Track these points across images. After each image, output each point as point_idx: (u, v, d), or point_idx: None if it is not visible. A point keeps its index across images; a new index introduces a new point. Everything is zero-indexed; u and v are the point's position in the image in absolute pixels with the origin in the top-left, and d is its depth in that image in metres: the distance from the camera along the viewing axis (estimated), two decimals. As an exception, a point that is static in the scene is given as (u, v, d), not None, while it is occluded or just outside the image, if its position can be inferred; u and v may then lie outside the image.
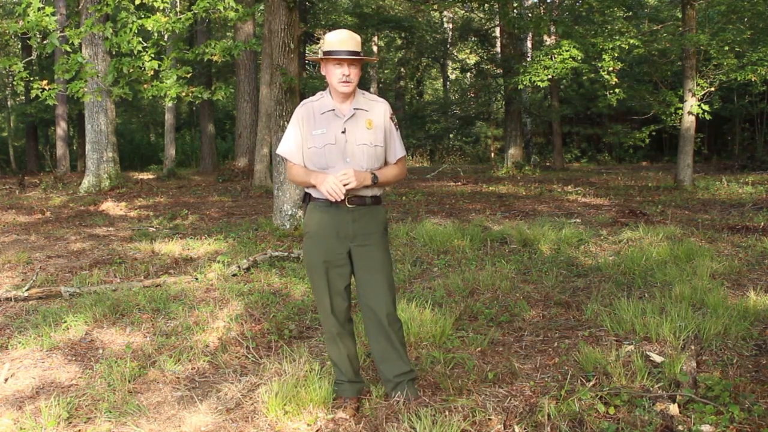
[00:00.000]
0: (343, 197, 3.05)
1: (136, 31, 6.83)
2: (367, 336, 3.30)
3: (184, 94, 6.95)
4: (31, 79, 6.78)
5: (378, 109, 3.21)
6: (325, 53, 3.12)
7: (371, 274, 3.17)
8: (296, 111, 3.25)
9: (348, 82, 3.10)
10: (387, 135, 3.21)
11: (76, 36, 6.80)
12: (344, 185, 3.03)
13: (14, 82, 6.79)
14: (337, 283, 3.19)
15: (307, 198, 3.26)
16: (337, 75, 3.10)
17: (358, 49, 3.13)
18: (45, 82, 6.95)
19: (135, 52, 6.88)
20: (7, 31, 6.87)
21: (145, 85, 7.14)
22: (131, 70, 6.93)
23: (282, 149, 3.24)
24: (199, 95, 7.24)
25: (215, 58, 7.39)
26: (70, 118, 23.34)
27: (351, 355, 3.31)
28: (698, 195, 11.86)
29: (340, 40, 3.11)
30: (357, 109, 3.17)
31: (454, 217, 9.43)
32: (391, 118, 3.24)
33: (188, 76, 7.22)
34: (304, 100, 3.27)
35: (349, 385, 3.33)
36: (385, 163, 3.25)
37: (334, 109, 3.17)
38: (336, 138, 3.13)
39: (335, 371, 3.37)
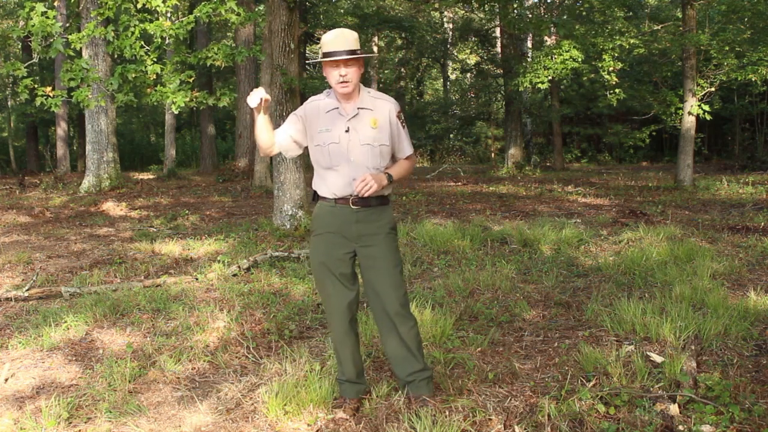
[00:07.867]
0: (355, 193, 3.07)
1: (138, 35, 6.81)
2: (380, 336, 3.29)
3: (188, 100, 6.90)
4: (36, 86, 6.75)
5: (383, 108, 3.14)
6: (323, 54, 3.06)
7: (377, 274, 3.14)
8: (302, 106, 3.21)
9: (345, 82, 3.04)
10: (394, 134, 3.15)
11: (78, 41, 6.78)
12: (364, 192, 3.02)
13: (18, 89, 6.71)
14: (342, 283, 3.17)
15: (315, 196, 3.24)
16: (334, 76, 3.03)
17: (354, 47, 3.04)
18: (49, 88, 6.93)
19: (138, 56, 6.84)
20: (10, 35, 6.86)
21: (149, 90, 7.11)
22: (135, 76, 6.90)
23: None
24: (204, 101, 7.17)
25: (218, 63, 7.34)
26: (71, 119, 23.35)
27: (354, 356, 3.28)
28: (698, 195, 11.85)
29: (334, 40, 3.03)
30: (361, 108, 3.11)
31: (455, 217, 9.42)
32: (397, 116, 3.16)
33: (191, 80, 7.17)
34: (311, 98, 3.22)
35: (349, 386, 3.31)
36: (393, 161, 3.22)
37: (338, 108, 3.12)
38: (340, 137, 3.09)
39: (338, 369, 3.36)
